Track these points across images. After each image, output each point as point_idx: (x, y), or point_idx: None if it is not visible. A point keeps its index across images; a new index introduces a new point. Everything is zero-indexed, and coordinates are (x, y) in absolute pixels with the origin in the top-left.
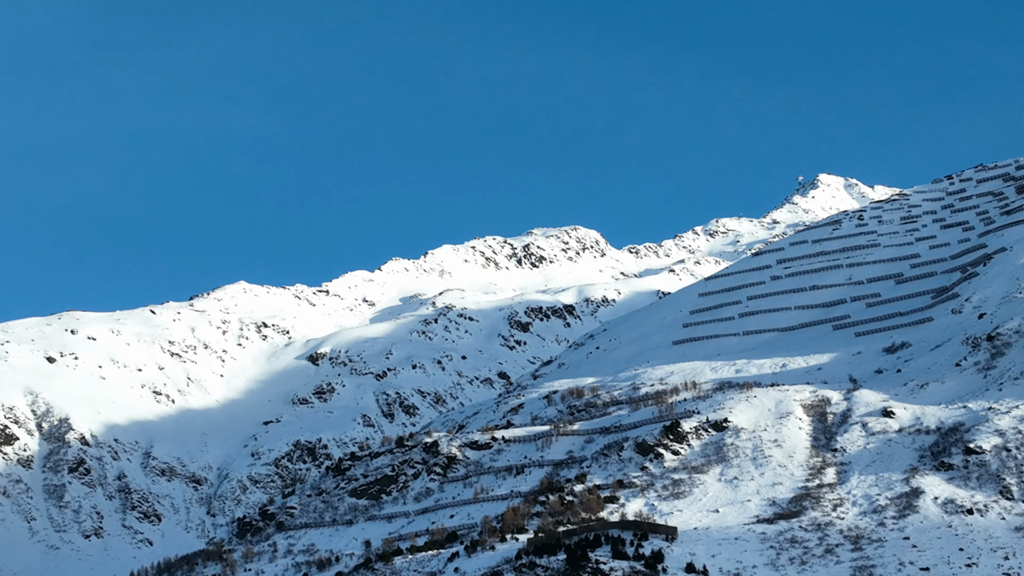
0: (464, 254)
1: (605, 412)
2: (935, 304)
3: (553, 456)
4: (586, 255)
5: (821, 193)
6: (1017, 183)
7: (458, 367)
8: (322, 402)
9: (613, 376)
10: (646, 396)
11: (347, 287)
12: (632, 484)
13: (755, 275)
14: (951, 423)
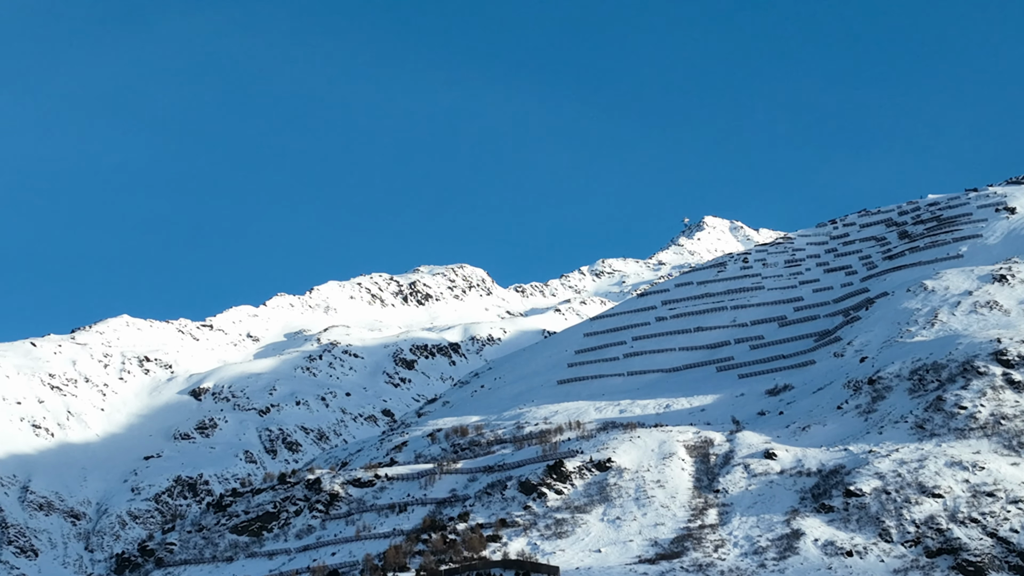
0: (350, 290)
1: (489, 451)
2: (818, 347)
3: (436, 494)
4: (472, 293)
5: (707, 235)
6: (899, 228)
7: (342, 404)
8: (204, 437)
9: (498, 415)
10: (530, 435)
11: (231, 322)
12: (515, 523)
13: (640, 316)
14: (832, 465)
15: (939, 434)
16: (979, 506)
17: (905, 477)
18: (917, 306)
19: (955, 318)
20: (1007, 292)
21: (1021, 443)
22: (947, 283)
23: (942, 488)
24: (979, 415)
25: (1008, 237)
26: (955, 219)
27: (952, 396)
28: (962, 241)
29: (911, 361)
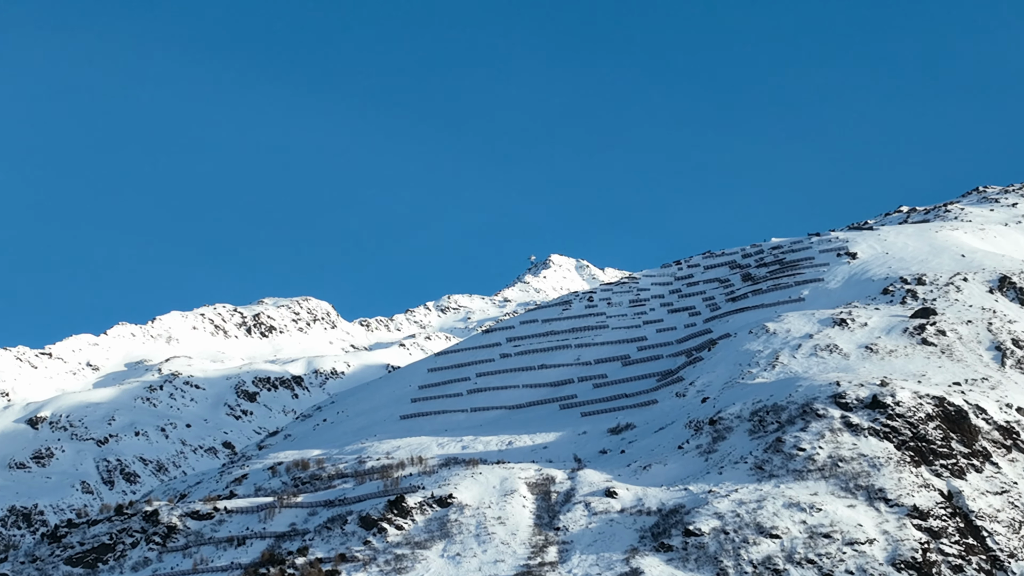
0: (193, 321)
1: (330, 485)
2: (660, 387)
3: (276, 528)
4: (317, 326)
5: (553, 273)
6: (743, 271)
7: (182, 435)
8: (40, 467)
9: (340, 449)
10: (372, 470)
11: (71, 350)
12: (355, 558)
13: (485, 352)
14: (672, 505)
15: (778, 475)
16: (816, 547)
17: (744, 517)
18: (759, 348)
19: (796, 360)
20: (847, 336)
21: (858, 485)
22: (788, 326)
23: (780, 529)
24: (817, 457)
25: (849, 281)
26: (798, 263)
27: (791, 438)
28: (804, 284)
29: (752, 402)
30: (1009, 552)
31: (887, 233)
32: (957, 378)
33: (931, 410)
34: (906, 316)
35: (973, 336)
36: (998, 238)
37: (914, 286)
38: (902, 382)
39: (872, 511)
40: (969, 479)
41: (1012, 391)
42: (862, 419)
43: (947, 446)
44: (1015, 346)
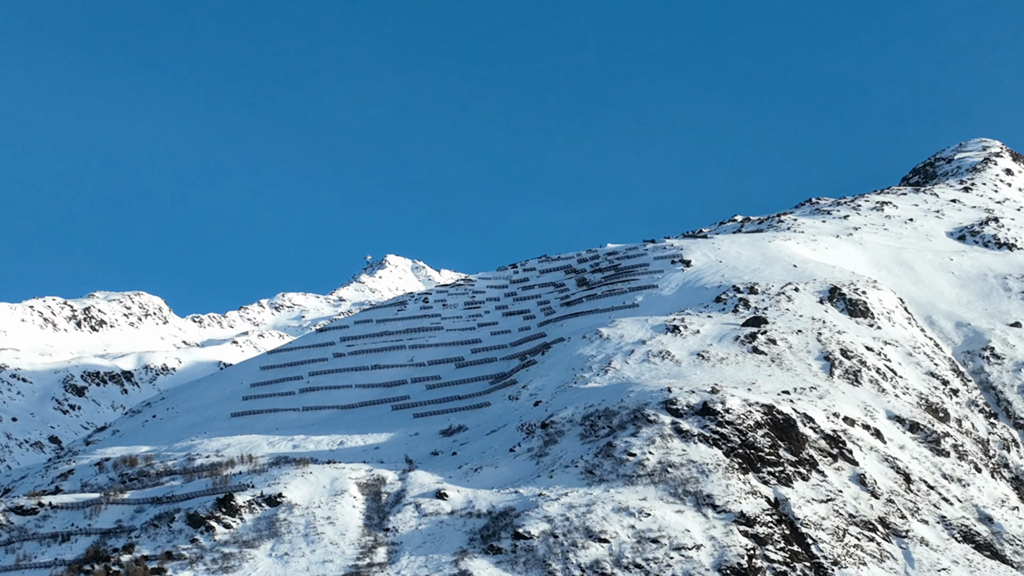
0: (21, 313)
1: (158, 482)
2: (493, 390)
3: (102, 525)
4: (149, 322)
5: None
6: (578, 276)
7: (7, 429)
8: None
9: (169, 446)
10: (201, 468)
11: None
12: (181, 556)
13: (318, 351)
14: (502, 507)
15: (608, 480)
16: (643, 552)
17: (573, 521)
18: (592, 353)
19: (628, 366)
20: (679, 342)
21: (687, 491)
22: (622, 331)
23: (608, 533)
24: (647, 462)
25: (683, 289)
26: (633, 269)
27: (622, 443)
28: (638, 291)
29: (584, 407)
30: (833, 560)
31: (721, 242)
32: (786, 387)
33: (760, 418)
34: (738, 324)
35: (803, 345)
36: (829, 249)
37: (746, 295)
38: (732, 390)
39: (700, 517)
40: (795, 487)
41: (839, 401)
42: (692, 425)
43: (775, 454)
44: (843, 356)
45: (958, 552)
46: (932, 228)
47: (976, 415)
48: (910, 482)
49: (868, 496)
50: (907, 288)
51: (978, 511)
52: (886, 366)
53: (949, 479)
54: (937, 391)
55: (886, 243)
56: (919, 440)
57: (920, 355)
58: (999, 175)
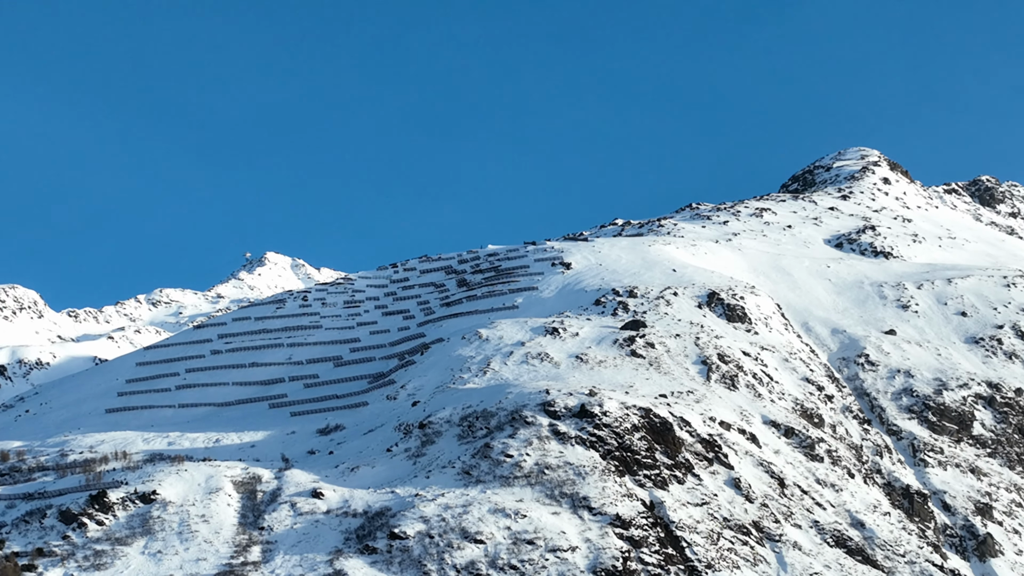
0: None
1: (30, 478)
2: (371, 389)
3: None
4: (23, 315)
5: (268, 271)
6: (459, 276)
7: None
8: None
9: (41, 441)
10: (74, 464)
11: None
12: (52, 553)
13: (196, 348)
14: (378, 507)
15: (485, 481)
16: (519, 553)
17: (449, 522)
18: (471, 354)
19: (507, 368)
20: (558, 345)
21: (563, 493)
22: (501, 333)
23: (484, 534)
24: (524, 464)
25: (562, 291)
26: (513, 270)
27: (500, 444)
28: (518, 292)
29: (462, 408)
30: (707, 563)
31: (602, 245)
32: (664, 390)
33: (637, 421)
34: (617, 328)
35: (681, 350)
36: (709, 255)
37: (626, 298)
38: (610, 392)
39: (576, 519)
40: (671, 490)
41: (716, 405)
42: (570, 428)
43: (651, 457)
44: (721, 361)
45: (830, 556)
46: (810, 235)
47: (850, 421)
48: (784, 487)
49: (743, 500)
50: (785, 294)
51: (850, 516)
52: (762, 371)
53: (822, 484)
54: (812, 397)
55: (765, 249)
56: (794, 445)
57: (796, 361)
58: (877, 184)
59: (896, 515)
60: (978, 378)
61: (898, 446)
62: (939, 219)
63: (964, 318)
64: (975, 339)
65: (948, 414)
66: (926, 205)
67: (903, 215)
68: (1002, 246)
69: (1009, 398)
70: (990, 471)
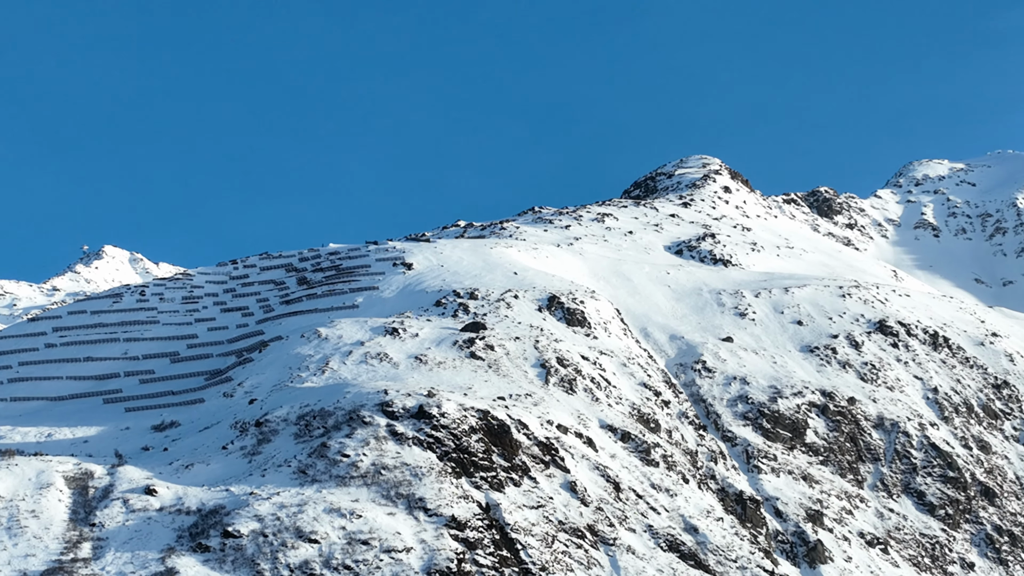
0: None
1: None
2: (208, 386)
3: None
4: None
5: (106, 264)
6: (299, 274)
7: None
8: None
9: None
10: None
11: None
12: None
13: (29, 341)
14: (212, 505)
15: (321, 480)
16: (353, 553)
17: (284, 521)
18: (310, 352)
19: (346, 367)
20: (398, 345)
21: (399, 494)
22: (341, 332)
23: (319, 534)
24: (361, 464)
25: (403, 292)
26: (354, 270)
27: (336, 444)
28: (359, 292)
29: (299, 406)
30: (541, 565)
31: (444, 246)
32: (502, 393)
33: (475, 423)
34: (457, 329)
35: (520, 352)
36: (550, 258)
37: (467, 300)
38: (449, 394)
39: (411, 520)
40: (507, 492)
41: (554, 408)
42: (407, 428)
43: (488, 459)
44: (559, 364)
45: (663, 561)
46: (651, 241)
47: (686, 427)
48: (619, 491)
49: (578, 503)
50: (624, 299)
51: (684, 521)
52: (601, 376)
53: (657, 489)
54: (649, 402)
55: (606, 254)
56: (630, 449)
57: (634, 366)
58: (717, 192)
59: (729, 521)
60: (812, 386)
61: (732, 452)
62: (778, 229)
63: (800, 327)
64: (810, 348)
65: (782, 422)
66: (765, 214)
67: (743, 224)
68: (838, 257)
69: (842, 407)
70: (822, 478)
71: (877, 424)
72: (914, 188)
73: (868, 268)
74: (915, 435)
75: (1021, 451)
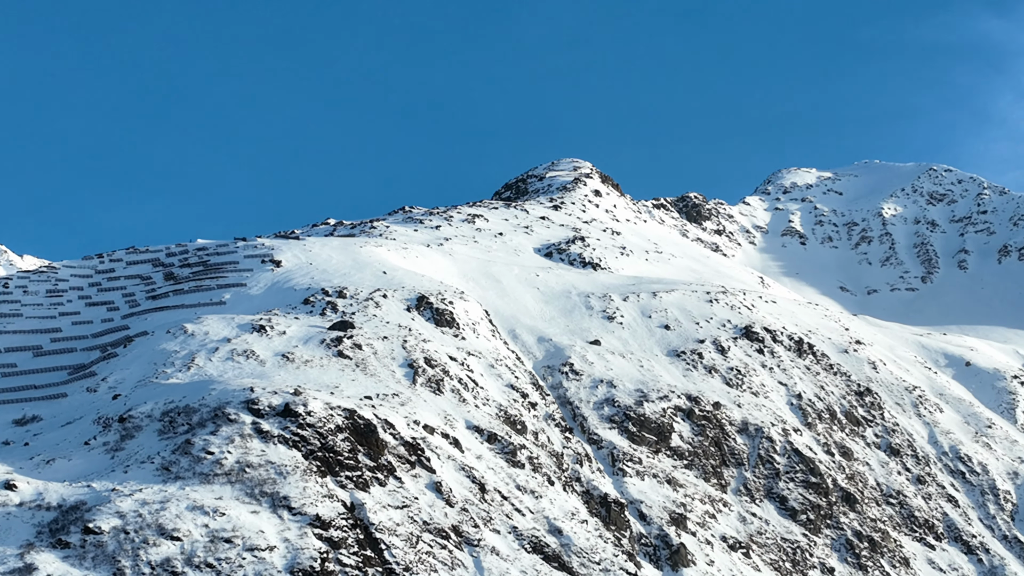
0: None
1: None
2: (72, 380)
3: None
4: None
5: None
6: (166, 269)
7: None
8: None
9: None
10: None
11: None
12: None
13: None
14: (73, 501)
15: (185, 477)
16: (216, 551)
17: (146, 518)
18: (176, 348)
19: (212, 364)
20: (265, 343)
21: (263, 492)
22: (208, 328)
23: (181, 531)
24: (225, 461)
25: (272, 289)
26: (222, 266)
27: (201, 441)
28: (227, 288)
29: (164, 403)
30: (405, 566)
31: (313, 244)
32: (369, 392)
33: (341, 422)
34: (325, 328)
35: (388, 352)
36: (420, 258)
37: (335, 299)
38: (316, 393)
39: (275, 518)
40: (372, 492)
41: (421, 408)
42: (273, 427)
43: (354, 459)
44: (427, 365)
45: (527, 562)
46: (521, 243)
47: (552, 429)
48: (485, 492)
49: (443, 504)
50: (493, 301)
51: (549, 523)
52: (468, 376)
53: (523, 490)
54: (516, 404)
55: (476, 255)
56: (496, 451)
57: (502, 367)
58: (588, 196)
59: (593, 523)
60: (678, 391)
61: (598, 455)
62: (647, 233)
63: (667, 331)
64: (677, 352)
65: (648, 425)
66: (635, 219)
67: (612, 227)
68: (707, 262)
69: (707, 411)
70: (686, 482)
71: (742, 429)
72: (782, 196)
73: (736, 274)
74: (779, 440)
75: (882, 458)
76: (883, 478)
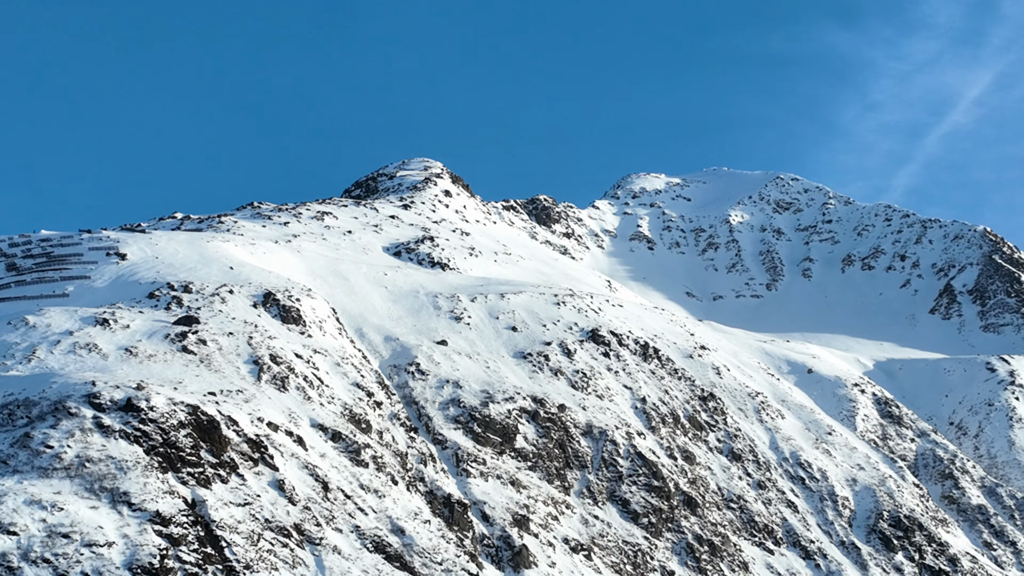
0: None
1: None
2: None
3: None
4: None
5: None
6: (8, 260)
7: None
8: None
9: None
10: None
11: None
12: None
13: None
14: None
15: (23, 471)
16: (54, 547)
17: None
18: (16, 340)
19: (54, 357)
20: (108, 336)
21: (103, 487)
22: (50, 320)
23: (18, 526)
24: (65, 456)
25: (116, 282)
26: (66, 258)
27: (40, 434)
28: (71, 280)
29: (3, 395)
30: (245, 563)
31: (159, 238)
32: (214, 388)
33: (184, 418)
34: (169, 322)
35: (233, 348)
36: (267, 255)
37: (181, 293)
38: (159, 387)
39: (115, 514)
40: (214, 489)
41: (265, 405)
42: (115, 421)
43: (196, 455)
44: (273, 362)
45: (369, 562)
46: (370, 242)
47: (397, 428)
48: (328, 491)
49: (286, 502)
50: (341, 299)
51: (392, 522)
52: (314, 374)
53: (366, 490)
54: (362, 402)
55: (324, 253)
56: (340, 450)
57: (348, 366)
58: (438, 196)
59: (436, 523)
60: (524, 392)
61: (443, 455)
62: (496, 235)
63: (514, 333)
64: (523, 354)
65: (493, 426)
66: (485, 220)
67: (462, 228)
68: (555, 265)
69: (552, 413)
70: (530, 484)
71: (586, 432)
72: (631, 200)
73: (583, 277)
74: (622, 444)
75: (724, 462)
76: (724, 483)
